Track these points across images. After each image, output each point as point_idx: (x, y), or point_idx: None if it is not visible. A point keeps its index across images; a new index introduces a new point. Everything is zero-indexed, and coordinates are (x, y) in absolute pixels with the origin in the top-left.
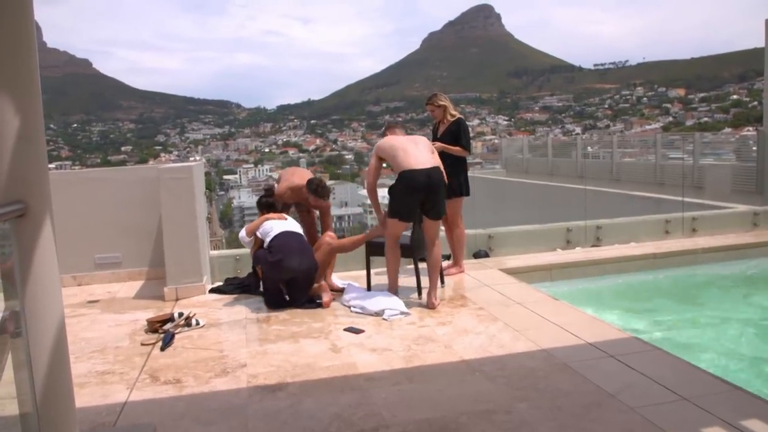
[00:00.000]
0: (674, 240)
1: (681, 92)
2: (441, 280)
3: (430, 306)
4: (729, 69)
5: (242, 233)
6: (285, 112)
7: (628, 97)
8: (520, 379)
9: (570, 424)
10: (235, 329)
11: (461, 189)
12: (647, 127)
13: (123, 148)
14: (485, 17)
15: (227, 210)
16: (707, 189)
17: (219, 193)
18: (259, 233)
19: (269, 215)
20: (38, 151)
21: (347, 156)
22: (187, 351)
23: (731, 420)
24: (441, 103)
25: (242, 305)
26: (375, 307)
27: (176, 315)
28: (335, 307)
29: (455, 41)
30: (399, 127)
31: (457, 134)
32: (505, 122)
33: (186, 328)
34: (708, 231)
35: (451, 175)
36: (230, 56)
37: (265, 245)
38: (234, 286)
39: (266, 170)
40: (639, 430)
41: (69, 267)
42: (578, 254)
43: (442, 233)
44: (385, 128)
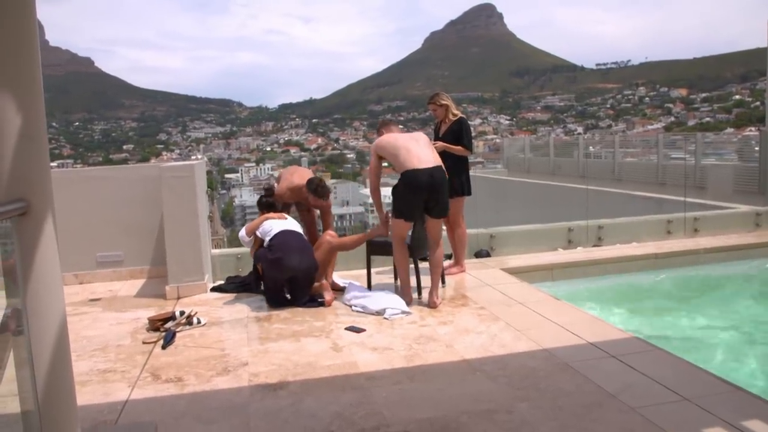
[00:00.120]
0: (676, 240)
1: (683, 92)
2: (442, 280)
3: (432, 305)
4: (731, 69)
5: (242, 233)
6: (287, 111)
7: (630, 97)
8: (522, 379)
9: (571, 424)
10: (237, 328)
11: (463, 188)
12: (649, 127)
13: (125, 147)
14: (487, 17)
15: (229, 209)
16: (709, 189)
17: (221, 192)
18: (259, 233)
19: (269, 215)
20: (40, 150)
21: (349, 155)
22: (189, 349)
23: (732, 420)
24: (443, 103)
25: (243, 304)
26: (376, 306)
27: (178, 313)
28: (336, 306)
29: (457, 41)
30: (393, 124)
31: (459, 133)
32: (507, 122)
33: (187, 327)
34: (710, 231)
35: (453, 175)
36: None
37: (265, 244)
38: (235, 285)
39: (268, 169)
40: (640, 431)
41: (71, 265)
42: (580, 254)
43: (444, 232)
44: (380, 125)
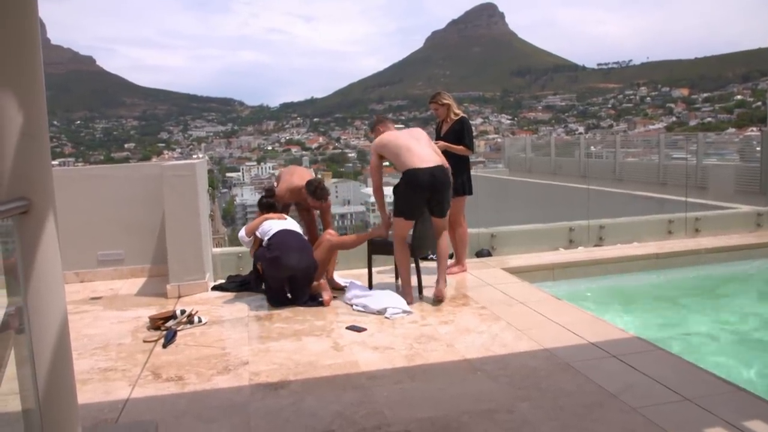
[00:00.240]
0: (677, 240)
1: (684, 92)
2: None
3: (438, 294)
4: (733, 69)
5: (242, 233)
6: (288, 110)
7: (632, 97)
8: (522, 379)
9: (572, 424)
10: (238, 327)
11: (464, 188)
12: (650, 127)
13: (126, 146)
14: (489, 16)
15: (230, 207)
16: (710, 189)
17: (222, 191)
18: (259, 233)
19: (269, 215)
20: (41, 148)
21: (350, 154)
22: (190, 348)
23: (734, 421)
24: (444, 102)
25: (244, 303)
26: (377, 306)
27: (178, 312)
28: (337, 306)
29: (459, 40)
30: (389, 120)
31: (461, 133)
32: (508, 121)
33: (188, 326)
34: (711, 231)
35: (454, 174)
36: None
37: (264, 243)
38: (236, 284)
39: (269, 168)
40: (641, 431)
41: (72, 264)
42: (581, 254)
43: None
44: (376, 122)
